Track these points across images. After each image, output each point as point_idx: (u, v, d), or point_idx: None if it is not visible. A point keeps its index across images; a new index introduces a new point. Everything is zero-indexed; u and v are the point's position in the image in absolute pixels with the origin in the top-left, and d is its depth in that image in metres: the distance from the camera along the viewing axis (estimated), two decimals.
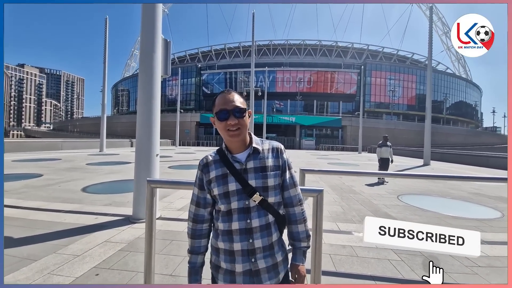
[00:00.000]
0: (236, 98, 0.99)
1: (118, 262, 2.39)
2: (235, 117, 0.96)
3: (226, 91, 1.01)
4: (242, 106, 0.98)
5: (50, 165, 9.53)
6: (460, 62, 63.08)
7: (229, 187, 0.97)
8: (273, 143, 1.08)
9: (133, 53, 69.22)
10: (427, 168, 13.43)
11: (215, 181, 0.99)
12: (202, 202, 1.04)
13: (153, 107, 3.83)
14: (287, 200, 1.05)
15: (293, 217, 1.06)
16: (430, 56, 16.41)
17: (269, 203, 0.98)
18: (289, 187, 1.05)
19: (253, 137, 1.05)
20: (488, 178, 3.41)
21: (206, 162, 1.04)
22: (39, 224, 3.32)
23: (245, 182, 0.97)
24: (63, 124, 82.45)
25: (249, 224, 0.95)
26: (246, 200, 0.96)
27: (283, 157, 1.06)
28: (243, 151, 1.02)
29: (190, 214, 1.07)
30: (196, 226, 1.05)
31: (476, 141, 49.72)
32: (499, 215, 4.52)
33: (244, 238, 0.94)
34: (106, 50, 17.78)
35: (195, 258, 1.05)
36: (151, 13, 3.82)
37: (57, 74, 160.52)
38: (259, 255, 0.95)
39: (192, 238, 1.06)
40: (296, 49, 56.61)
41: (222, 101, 0.98)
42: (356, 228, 3.59)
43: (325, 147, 38.07)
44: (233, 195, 0.96)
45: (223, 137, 1.01)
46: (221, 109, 0.97)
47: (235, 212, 0.96)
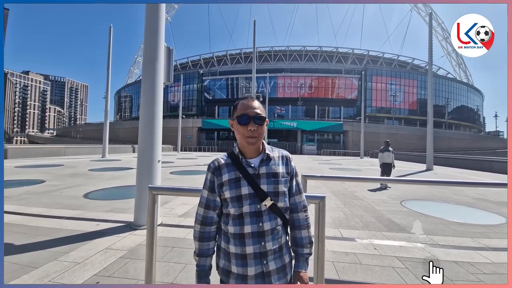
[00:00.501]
0: (257, 106, 1.04)
1: (119, 270, 2.37)
2: (255, 124, 1.01)
3: (250, 98, 1.06)
4: (262, 114, 1.03)
5: (52, 171, 9.57)
6: (461, 67, 63.22)
7: (242, 190, 0.99)
8: (282, 151, 1.12)
9: (136, 60, 70.22)
10: (430, 173, 13.31)
11: (227, 184, 1.01)
12: (212, 204, 1.05)
13: (155, 113, 3.86)
14: (292, 206, 1.09)
15: (297, 222, 1.09)
16: (431, 61, 16.46)
17: (278, 207, 1.01)
18: (294, 193, 1.10)
19: (265, 144, 1.10)
20: (488, 183, 3.37)
21: (218, 165, 1.05)
22: (40, 230, 3.32)
23: (258, 187, 0.99)
24: (66, 130, 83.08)
25: (261, 227, 0.98)
26: (258, 204, 0.99)
27: (291, 165, 1.11)
28: (255, 156, 1.06)
29: (199, 217, 1.07)
30: (205, 229, 1.05)
31: (479, 145, 49.40)
32: (503, 220, 4.45)
33: (256, 241, 0.97)
34: (110, 57, 18.06)
35: (204, 261, 1.05)
36: (154, 22, 3.90)
37: (61, 81, 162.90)
38: (270, 257, 0.98)
39: (200, 241, 1.05)
40: (297, 55, 57.11)
41: (245, 106, 1.03)
42: (359, 234, 3.54)
43: (326, 152, 37.94)
44: (246, 199, 0.98)
45: (239, 141, 1.05)
46: (242, 114, 1.02)
47: (247, 216, 0.98)
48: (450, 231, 3.76)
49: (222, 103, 52.10)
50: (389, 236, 3.49)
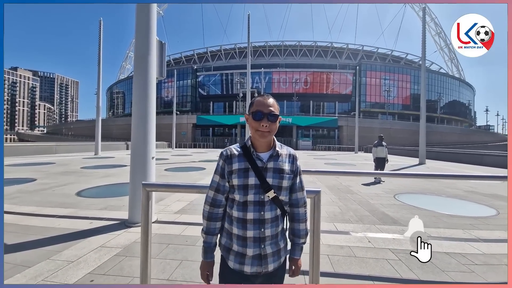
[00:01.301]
0: (272, 103, 1.12)
1: (114, 268, 2.35)
2: (268, 120, 1.09)
3: (266, 96, 1.14)
4: (276, 112, 1.12)
5: (44, 169, 9.38)
6: (453, 62, 64.04)
7: (249, 180, 1.08)
8: (290, 150, 1.21)
9: (128, 55, 68.85)
10: (422, 167, 13.56)
11: (236, 172, 1.09)
12: (221, 189, 1.14)
13: (148, 109, 3.79)
14: (294, 201, 1.19)
15: (297, 216, 1.20)
16: (424, 56, 16.60)
17: (279, 200, 1.11)
18: (297, 190, 1.20)
19: (276, 141, 1.18)
20: (486, 176, 3.44)
21: (230, 154, 1.13)
22: (33, 229, 3.26)
23: (264, 179, 1.08)
24: (57, 127, 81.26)
25: (262, 216, 1.08)
26: (262, 195, 1.08)
27: (297, 163, 1.20)
28: (266, 151, 1.14)
29: (208, 198, 1.16)
30: (213, 210, 1.15)
31: (470, 139, 50.48)
32: (494, 212, 4.57)
33: (257, 227, 1.07)
34: (100, 52, 17.63)
35: (211, 238, 1.16)
36: (145, 14, 3.80)
37: (50, 77, 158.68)
38: (267, 242, 1.09)
39: (208, 220, 1.15)
40: (292, 50, 56.88)
41: (260, 103, 1.12)
42: (353, 228, 3.59)
43: (321, 147, 38.21)
44: (251, 189, 1.07)
45: (252, 134, 1.14)
46: (257, 110, 1.10)
47: (251, 204, 1.08)
48: (442, 223, 3.84)
49: (216, 99, 51.70)
50: (383, 229, 3.55)
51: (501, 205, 5.05)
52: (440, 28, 63.16)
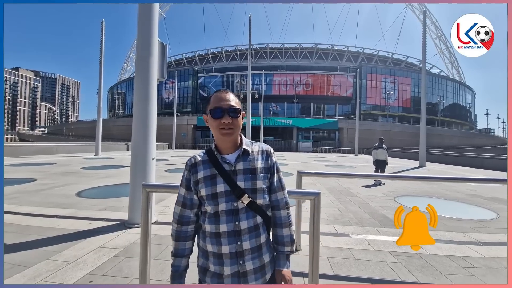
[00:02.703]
0: (231, 98, 1.00)
1: (113, 269, 2.34)
2: (229, 116, 0.96)
3: (222, 90, 1.01)
4: (237, 106, 0.99)
5: (44, 169, 9.39)
6: (453, 65, 64.16)
7: (217, 188, 0.95)
8: (262, 146, 1.07)
9: (129, 56, 69.10)
10: (423, 169, 13.54)
11: (203, 181, 0.97)
12: (188, 203, 1.02)
13: (149, 110, 3.80)
14: (274, 202, 1.05)
15: (279, 220, 1.05)
16: (424, 59, 16.65)
17: (257, 204, 0.97)
18: (276, 190, 1.05)
19: (243, 138, 1.04)
20: (487, 179, 3.42)
21: (194, 162, 1.02)
22: (32, 230, 3.25)
23: (234, 184, 0.95)
24: (57, 128, 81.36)
25: (238, 226, 0.94)
26: (235, 202, 0.95)
27: (272, 159, 1.05)
28: (233, 152, 1.01)
29: (175, 215, 1.04)
30: (181, 228, 1.02)
31: (471, 142, 50.40)
32: (494, 216, 4.56)
33: (232, 241, 0.93)
34: (102, 53, 17.71)
35: (179, 261, 1.02)
36: (147, 15, 3.82)
37: (52, 77, 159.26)
38: (247, 257, 0.94)
39: (176, 240, 1.03)
40: (293, 53, 57.02)
41: (218, 99, 0.99)
42: (353, 230, 3.58)
43: (322, 149, 38.19)
44: (221, 197, 0.94)
45: (215, 135, 1.01)
46: (215, 107, 0.97)
47: (223, 214, 0.94)
48: (442, 226, 3.83)
49: None
50: (383, 232, 3.54)
51: (502, 208, 5.03)
52: (440, 31, 63.36)
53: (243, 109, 1.04)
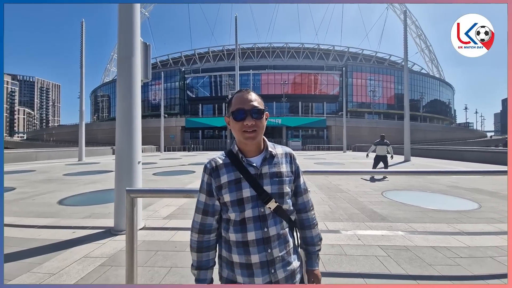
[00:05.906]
0: (254, 98, 0.94)
1: (99, 279, 2.24)
2: (252, 118, 0.91)
3: (245, 90, 0.96)
4: (260, 107, 0.94)
5: (23, 177, 8.92)
6: (433, 62, 66.81)
7: (243, 193, 0.90)
8: (286, 149, 1.05)
9: (112, 57, 67.15)
10: (408, 164, 13.98)
11: (227, 186, 0.91)
12: (210, 210, 0.95)
13: (133, 112, 3.68)
14: (301, 206, 1.05)
15: (307, 222, 1.06)
16: (406, 57, 17.21)
17: (283, 209, 0.94)
18: (302, 193, 1.05)
19: (267, 140, 1.01)
20: (487, 171, 3.56)
21: (215, 166, 0.95)
22: (12, 241, 3.07)
23: (261, 188, 0.90)
24: (37, 133, 77.74)
25: (267, 233, 0.89)
26: (262, 207, 0.90)
27: (296, 163, 1.04)
28: (257, 155, 0.97)
29: (196, 224, 0.96)
30: (203, 238, 0.95)
31: (451, 136, 52.75)
32: (476, 206, 4.76)
33: (262, 249, 0.88)
34: (83, 54, 17.05)
35: (205, 274, 0.94)
36: (128, 15, 3.69)
37: (30, 80, 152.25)
38: (278, 265, 0.89)
39: (199, 252, 0.94)
40: (280, 52, 57.41)
41: (240, 100, 0.93)
42: (344, 226, 3.63)
43: (311, 147, 38.70)
44: (248, 202, 0.89)
45: (237, 138, 0.96)
46: (238, 109, 0.92)
47: (250, 221, 0.89)
48: (428, 218, 3.96)
49: (205, 101, 51.25)
50: (372, 226, 3.61)
51: (483, 199, 5.27)
52: (420, 30, 65.82)
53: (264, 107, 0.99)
